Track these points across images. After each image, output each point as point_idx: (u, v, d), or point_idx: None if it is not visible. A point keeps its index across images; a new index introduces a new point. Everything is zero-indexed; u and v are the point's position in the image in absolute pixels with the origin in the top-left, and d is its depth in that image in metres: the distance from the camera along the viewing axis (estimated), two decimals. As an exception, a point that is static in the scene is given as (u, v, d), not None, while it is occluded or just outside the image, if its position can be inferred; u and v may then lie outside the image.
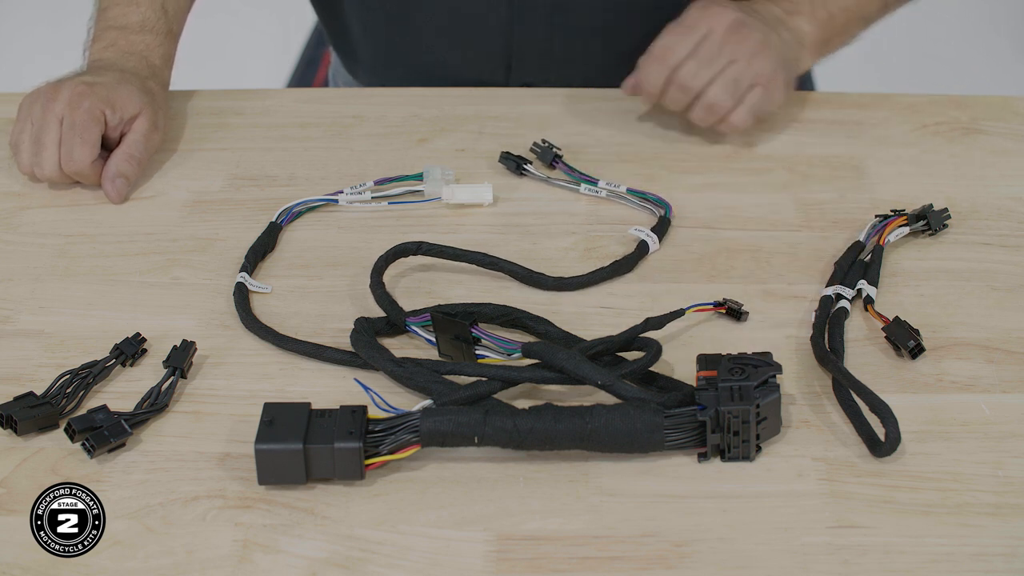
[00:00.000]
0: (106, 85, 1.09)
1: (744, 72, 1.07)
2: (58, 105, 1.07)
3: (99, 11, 1.18)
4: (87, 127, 1.07)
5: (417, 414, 0.81)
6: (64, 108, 1.07)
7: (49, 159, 1.07)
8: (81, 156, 1.06)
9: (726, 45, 1.07)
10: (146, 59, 1.15)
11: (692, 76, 1.07)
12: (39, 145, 1.07)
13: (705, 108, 1.08)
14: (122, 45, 1.15)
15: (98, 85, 1.09)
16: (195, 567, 0.77)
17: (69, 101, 1.07)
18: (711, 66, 1.07)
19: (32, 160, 1.08)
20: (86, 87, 1.08)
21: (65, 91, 1.08)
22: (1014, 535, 0.78)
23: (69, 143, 1.06)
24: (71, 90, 1.08)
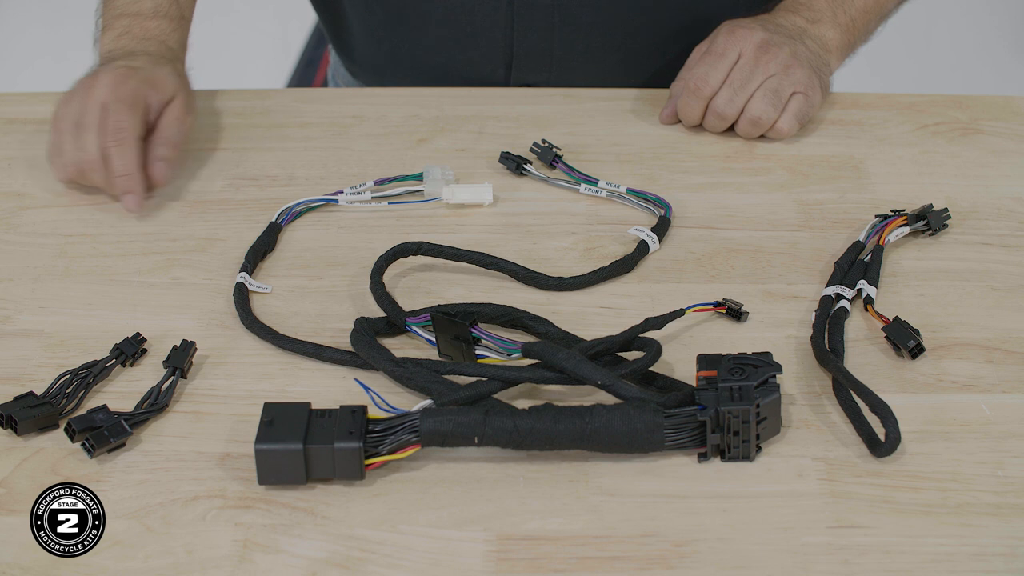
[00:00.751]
0: (144, 68, 1.07)
1: (783, 82, 1.10)
2: (98, 90, 1.04)
3: (106, 1, 1.17)
4: (134, 103, 1.04)
5: (417, 414, 0.81)
6: (106, 92, 1.04)
7: (91, 141, 1.03)
8: (129, 125, 1.03)
9: (758, 66, 1.10)
10: (165, 44, 1.14)
11: (727, 103, 1.11)
12: (81, 128, 1.04)
13: (750, 123, 1.11)
14: (137, 32, 1.14)
15: (137, 68, 1.07)
16: (195, 567, 0.77)
17: (111, 84, 1.05)
18: (745, 90, 1.10)
19: (74, 147, 1.04)
20: (127, 70, 1.06)
21: (104, 76, 1.06)
22: (1014, 535, 0.78)
23: (116, 118, 1.03)
24: (110, 74, 1.06)
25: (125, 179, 1.04)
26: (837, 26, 1.16)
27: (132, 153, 1.04)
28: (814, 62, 1.13)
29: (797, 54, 1.11)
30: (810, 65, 1.12)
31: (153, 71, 1.08)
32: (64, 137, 1.05)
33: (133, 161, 1.04)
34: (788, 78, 1.10)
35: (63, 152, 1.05)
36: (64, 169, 1.06)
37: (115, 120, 1.03)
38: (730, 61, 1.11)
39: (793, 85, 1.10)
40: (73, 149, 1.04)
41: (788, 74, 1.10)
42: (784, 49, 1.10)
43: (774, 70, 1.10)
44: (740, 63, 1.10)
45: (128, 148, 1.04)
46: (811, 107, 1.12)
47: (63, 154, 1.05)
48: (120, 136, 1.03)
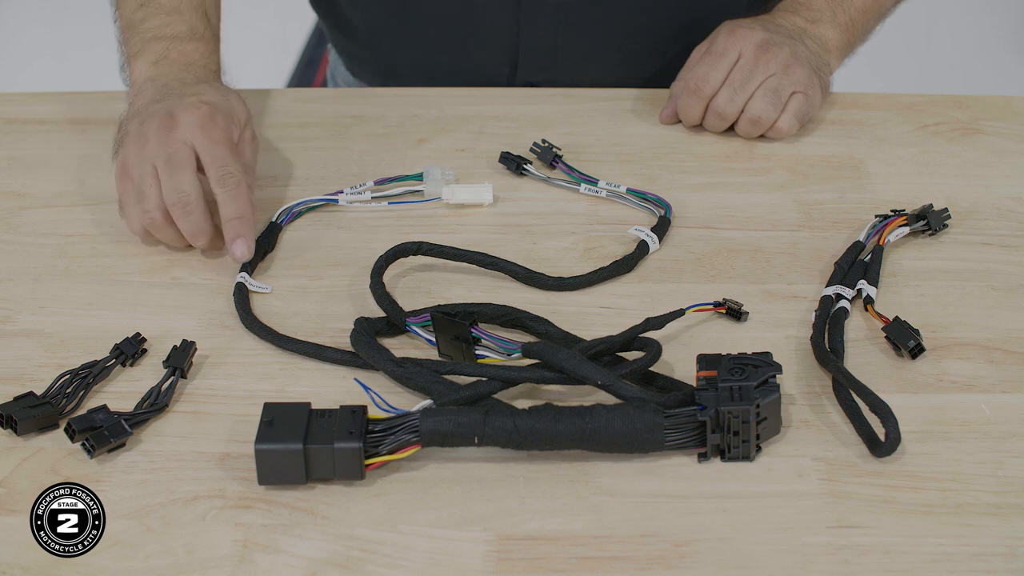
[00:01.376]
0: (216, 102, 1.01)
1: (783, 82, 1.10)
2: (184, 131, 0.98)
3: (132, 24, 1.10)
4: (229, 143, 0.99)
5: (417, 414, 0.81)
6: (194, 132, 0.98)
7: (189, 180, 0.96)
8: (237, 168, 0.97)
9: (758, 66, 1.10)
10: (207, 68, 1.08)
11: (728, 103, 1.11)
12: (173, 169, 0.96)
13: (750, 122, 1.11)
14: (176, 57, 1.07)
15: (211, 103, 1.01)
16: (195, 567, 0.77)
17: (198, 125, 0.98)
18: (745, 90, 1.10)
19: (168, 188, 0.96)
20: (209, 108, 1.00)
21: (186, 116, 0.99)
22: (1014, 535, 0.78)
23: (220, 163, 0.97)
24: (191, 113, 0.99)
25: (239, 222, 0.97)
26: (837, 26, 1.16)
27: (245, 195, 0.98)
28: (814, 62, 1.13)
29: (797, 54, 1.11)
30: (810, 65, 1.12)
31: (226, 103, 1.02)
32: (146, 182, 0.97)
33: (246, 203, 0.98)
34: (788, 78, 1.10)
35: (146, 197, 0.97)
36: (150, 216, 0.98)
37: (221, 163, 0.98)
38: (730, 61, 1.11)
39: (793, 85, 1.10)
40: (165, 192, 0.97)
41: (788, 74, 1.10)
42: (784, 49, 1.11)
43: (774, 70, 1.10)
44: (740, 63, 1.11)
45: (242, 191, 0.98)
46: (811, 107, 1.12)
47: (146, 199, 0.97)
48: (230, 180, 0.97)
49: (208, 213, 0.98)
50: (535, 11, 1.21)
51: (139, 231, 1.00)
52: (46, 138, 1.16)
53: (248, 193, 0.99)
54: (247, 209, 0.98)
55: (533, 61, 1.25)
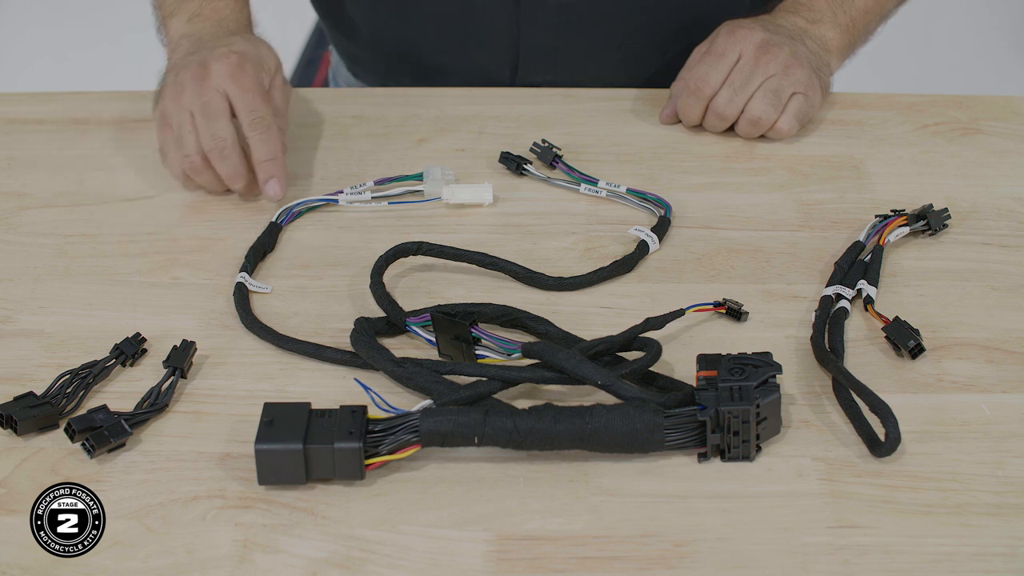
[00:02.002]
0: (247, 50, 1.06)
1: (783, 82, 1.10)
2: (216, 80, 1.03)
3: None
4: (259, 89, 1.04)
5: (417, 414, 0.81)
6: (225, 80, 1.03)
7: (224, 127, 1.02)
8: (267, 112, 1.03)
9: (758, 67, 1.10)
10: (238, 22, 1.14)
11: (727, 104, 1.11)
12: (209, 117, 1.02)
13: (750, 123, 1.11)
14: (208, 13, 1.13)
15: (241, 52, 1.06)
16: (195, 567, 0.77)
17: (229, 73, 1.03)
18: (745, 90, 1.10)
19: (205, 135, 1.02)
20: (236, 55, 1.05)
21: (217, 65, 1.04)
22: (1014, 535, 0.78)
23: (250, 107, 1.03)
24: (222, 62, 1.04)
25: (271, 163, 1.04)
26: (837, 27, 1.16)
27: (276, 137, 1.04)
28: (814, 62, 1.13)
29: (797, 54, 1.11)
30: (810, 65, 1.12)
31: (256, 51, 1.07)
32: (184, 128, 1.03)
33: (277, 145, 1.04)
34: (788, 78, 1.10)
35: (184, 143, 1.03)
36: (190, 160, 1.04)
37: (251, 108, 1.03)
38: (730, 61, 1.11)
39: (793, 85, 1.10)
40: (202, 138, 1.03)
41: (788, 74, 1.10)
42: (784, 49, 1.10)
43: (774, 70, 1.10)
44: (740, 63, 1.10)
45: (272, 133, 1.04)
46: (811, 107, 1.12)
47: (185, 145, 1.03)
48: (263, 123, 1.03)
49: (243, 157, 1.04)
50: (535, 12, 1.21)
51: (179, 175, 1.06)
52: (46, 138, 1.16)
53: (278, 136, 1.04)
54: (278, 151, 1.04)
55: (533, 62, 1.25)
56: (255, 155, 1.04)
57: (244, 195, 1.06)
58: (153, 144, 1.14)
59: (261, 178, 1.04)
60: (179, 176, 1.05)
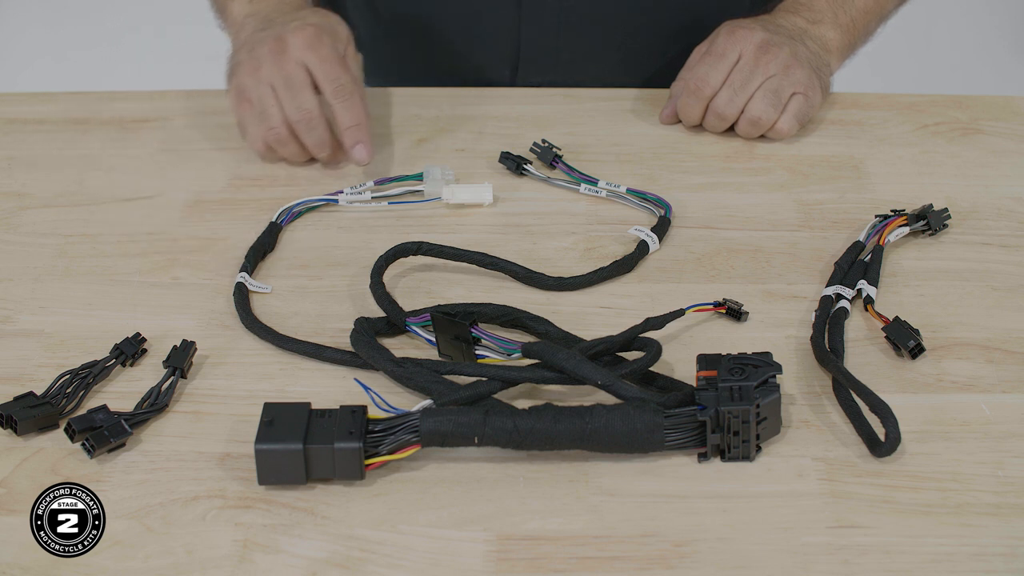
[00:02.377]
0: (319, 23, 1.08)
1: (783, 83, 1.10)
2: (295, 52, 1.05)
3: None
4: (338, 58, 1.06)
5: (417, 414, 0.81)
6: (305, 52, 1.05)
7: (309, 98, 1.05)
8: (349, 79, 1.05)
9: (758, 67, 1.10)
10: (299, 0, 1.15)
11: (727, 104, 1.11)
12: (292, 89, 1.05)
13: (750, 123, 1.11)
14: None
15: (315, 24, 1.08)
16: (195, 567, 0.77)
17: (307, 45, 1.05)
18: (745, 90, 1.10)
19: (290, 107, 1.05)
20: (314, 28, 1.07)
21: (294, 38, 1.06)
22: (1014, 535, 0.78)
23: (332, 75, 1.05)
24: (299, 35, 1.06)
25: (356, 129, 1.06)
26: (838, 27, 1.16)
27: (360, 104, 1.06)
28: (814, 62, 1.13)
29: (797, 54, 1.11)
30: (810, 65, 1.12)
31: (329, 23, 1.09)
32: (267, 102, 1.06)
33: (362, 111, 1.06)
34: (788, 78, 1.10)
35: (268, 116, 1.06)
36: (275, 132, 1.06)
37: (334, 77, 1.05)
38: (730, 62, 1.11)
39: (793, 85, 1.10)
40: (287, 110, 1.05)
41: (788, 74, 1.10)
42: (784, 49, 1.10)
43: (774, 70, 1.10)
44: (740, 63, 1.10)
45: (356, 100, 1.06)
46: (811, 107, 1.12)
47: (269, 118, 1.06)
48: (345, 91, 1.06)
49: (328, 125, 1.07)
50: (536, 12, 1.21)
51: (262, 149, 1.09)
52: (46, 138, 1.16)
53: (361, 102, 1.07)
54: (362, 117, 1.07)
55: (534, 62, 1.25)
56: (340, 122, 1.06)
57: (327, 163, 1.10)
58: (153, 144, 1.15)
59: (348, 144, 1.07)
60: (261, 150, 1.09)
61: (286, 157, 1.09)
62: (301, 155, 1.09)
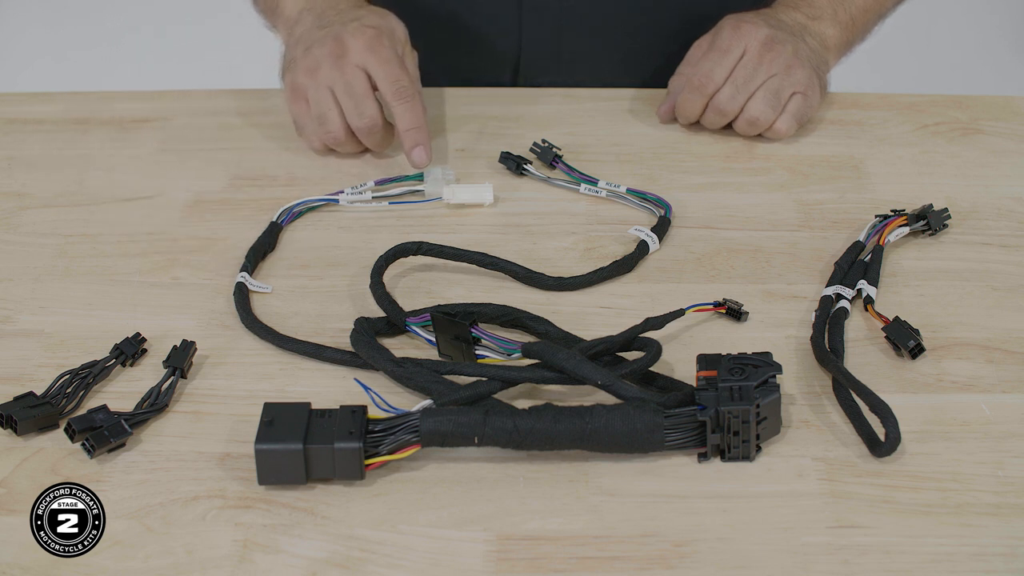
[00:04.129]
0: (378, 24, 1.09)
1: (783, 83, 1.10)
2: (355, 55, 1.06)
3: None
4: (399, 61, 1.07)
5: (417, 414, 0.81)
6: (365, 56, 1.06)
7: (372, 105, 1.06)
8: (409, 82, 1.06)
9: (761, 64, 1.10)
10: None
11: (729, 100, 1.10)
12: (353, 95, 1.06)
13: (747, 123, 1.11)
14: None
15: (374, 26, 1.08)
16: (195, 567, 0.77)
17: (367, 48, 1.06)
18: (747, 88, 1.10)
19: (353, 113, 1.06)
20: (374, 30, 1.07)
21: (353, 40, 1.06)
22: (1014, 535, 0.78)
23: (394, 78, 1.06)
24: (359, 38, 1.06)
25: (416, 132, 1.07)
26: (837, 24, 1.16)
27: (419, 106, 1.07)
28: (814, 61, 1.13)
29: (799, 53, 1.11)
30: (811, 64, 1.12)
31: (387, 24, 1.10)
32: (326, 106, 1.07)
33: (421, 114, 1.07)
34: (789, 78, 1.10)
35: (327, 120, 1.07)
36: (334, 136, 1.08)
37: (393, 79, 1.06)
38: (734, 57, 1.10)
39: (794, 85, 1.10)
40: (349, 117, 1.07)
41: (790, 74, 1.10)
42: (788, 47, 1.10)
43: (776, 69, 1.10)
44: (744, 60, 1.10)
45: (416, 102, 1.07)
46: (810, 107, 1.12)
47: (328, 122, 1.07)
48: (405, 93, 1.06)
49: (389, 129, 1.09)
50: (537, 13, 1.21)
51: (319, 148, 1.11)
52: (46, 138, 1.16)
53: (421, 104, 1.08)
54: (421, 119, 1.07)
55: (535, 62, 1.25)
56: (401, 124, 1.07)
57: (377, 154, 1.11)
58: (152, 144, 1.15)
59: (407, 146, 1.07)
60: (319, 148, 1.10)
61: (343, 151, 1.11)
62: (358, 151, 1.11)
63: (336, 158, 1.12)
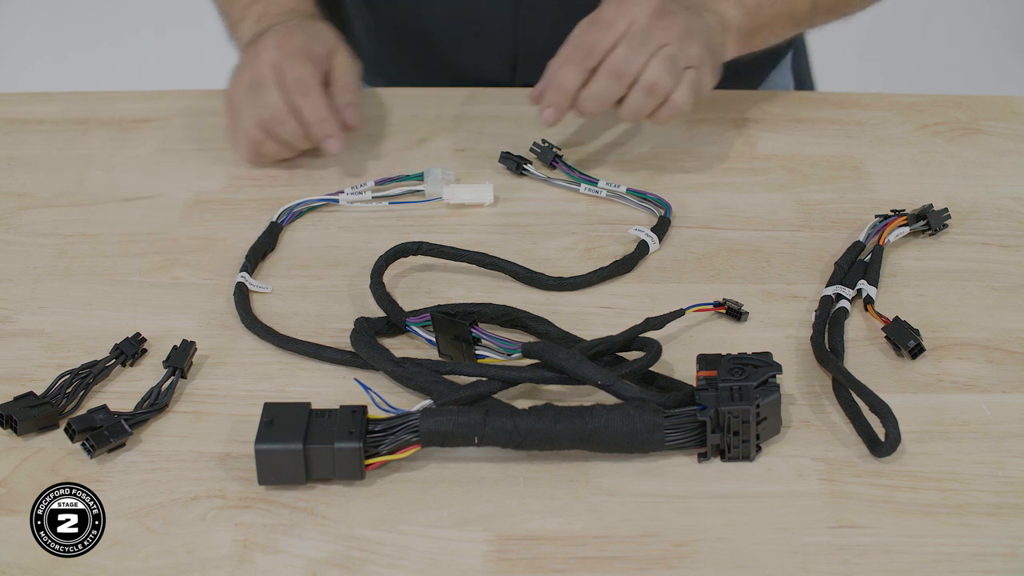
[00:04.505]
0: (301, 24, 1.08)
1: (679, 52, 0.99)
2: (266, 53, 1.05)
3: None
4: (306, 55, 1.05)
5: (417, 414, 0.81)
6: (274, 52, 1.05)
7: (273, 96, 1.04)
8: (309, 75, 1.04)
9: (652, 32, 0.99)
10: (305, 12, 1.14)
11: (625, 60, 0.98)
12: (258, 89, 1.04)
13: (645, 90, 0.99)
14: (274, 11, 1.14)
15: (295, 26, 1.08)
16: (195, 567, 0.77)
17: (277, 44, 1.05)
18: (645, 48, 0.98)
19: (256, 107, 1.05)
20: (288, 30, 1.07)
21: (267, 40, 1.06)
22: (1014, 535, 0.78)
23: (294, 72, 1.04)
24: (273, 37, 1.06)
25: (321, 124, 1.05)
26: (741, 6, 1.07)
27: (321, 99, 1.05)
28: (710, 40, 1.03)
29: (694, 26, 1.01)
30: (705, 42, 1.02)
31: (311, 26, 1.09)
32: (241, 105, 1.06)
33: (324, 106, 1.05)
34: (683, 51, 1.00)
35: (241, 118, 1.06)
36: (247, 134, 1.06)
37: (294, 73, 1.04)
38: (619, 31, 0.99)
39: (689, 59, 1.00)
40: (255, 109, 1.05)
41: (683, 47, 1.00)
42: (681, 18, 1.00)
43: (669, 38, 0.99)
44: (634, 27, 0.99)
45: (316, 95, 1.05)
46: (703, 86, 1.02)
47: (241, 120, 1.06)
48: (304, 86, 1.04)
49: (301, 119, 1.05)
50: (533, 14, 1.21)
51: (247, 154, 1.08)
52: (46, 138, 1.16)
53: (322, 96, 1.05)
54: (324, 111, 1.05)
55: (533, 62, 1.25)
56: (305, 118, 1.05)
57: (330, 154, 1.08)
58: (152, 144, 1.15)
59: (316, 139, 1.06)
60: (248, 154, 1.08)
61: (273, 155, 1.09)
62: (285, 152, 1.08)
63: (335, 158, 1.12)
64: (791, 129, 1.15)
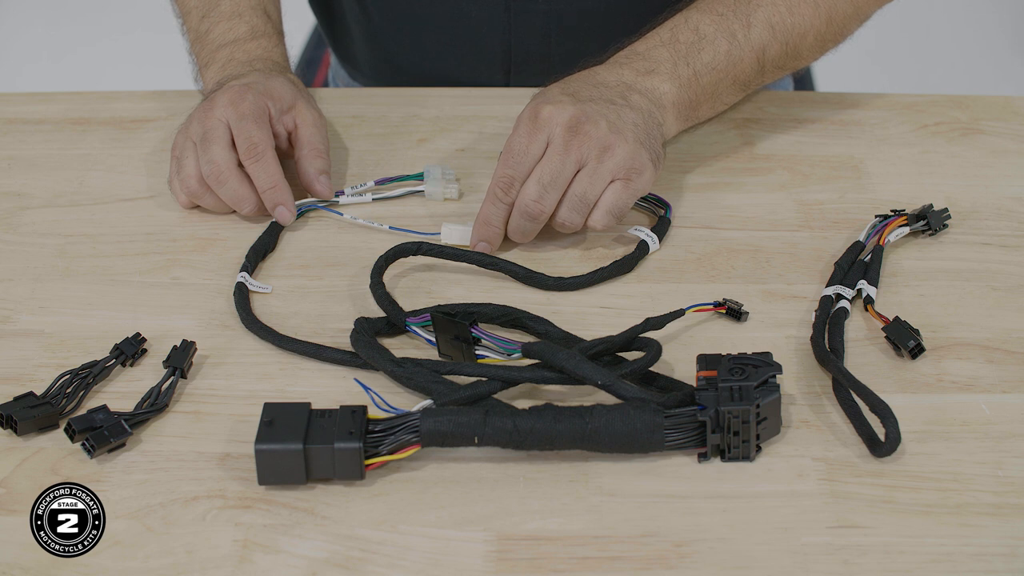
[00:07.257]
0: (257, 82, 1.06)
1: (594, 177, 0.97)
2: (218, 110, 1.03)
3: (198, 37, 1.16)
4: (258, 116, 1.03)
5: (417, 414, 0.81)
6: (226, 110, 1.03)
7: (219, 152, 1.01)
8: (261, 139, 1.02)
9: (570, 152, 0.96)
10: (270, 60, 1.13)
11: (537, 200, 0.97)
12: (206, 143, 1.02)
13: (558, 226, 0.99)
14: (240, 57, 1.12)
15: (250, 83, 1.06)
16: (195, 567, 0.77)
17: (229, 102, 1.03)
18: (556, 183, 0.97)
19: (202, 160, 1.02)
20: (241, 87, 1.05)
21: (221, 96, 1.04)
22: (1014, 535, 0.78)
23: (246, 134, 1.02)
24: (227, 94, 1.04)
25: (273, 192, 1.02)
26: (676, 79, 1.03)
27: (273, 165, 1.02)
28: (640, 130, 0.99)
29: (617, 127, 0.97)
30: (633, 135, 0.98)
31: (267, 83, 1.06)
32: (186, 155, 1.04)
33: (276, 172, 1.02)
34: (603, 165, 0.96)
35: (183, 168, 1.04)
36: (187, 184, 1.03)
37: (245, 136, 1.02)
38: (533, 158, 0.97)
39: (611, 172, 0.97)
40: (200, 163, 1.03)
41: (603, 159, 0.96)
42: (599, 126, 0.97)
43: (587, 156, 0.96)
44: (549, 152, 0.97)
45: (267, 161, 1.02)
46: (634, 193, 0.98)
47: (184, 168, 1.04)
48: (256, 151, 1.02)
49: (245, 181, 1.03)
50: (525, 18, 1.21)
51: (183, 201, 1.05)
52: (46, 138, 1.16)
53: (274, 162, 1.03)
54: (276, 177, 1.02)
55: (526, 67, 1.25)
56: (256, 184, 1.02)
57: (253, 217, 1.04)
58: (152, 144, 1.15)
59: (268, 206, 1.03)
60: (183, 202, 1.05)
61: (209, 208, 1.05)
62: (221, 206, 1.04)
63: (335, 158, 1.12)
64: (791, 129, 1.15)
